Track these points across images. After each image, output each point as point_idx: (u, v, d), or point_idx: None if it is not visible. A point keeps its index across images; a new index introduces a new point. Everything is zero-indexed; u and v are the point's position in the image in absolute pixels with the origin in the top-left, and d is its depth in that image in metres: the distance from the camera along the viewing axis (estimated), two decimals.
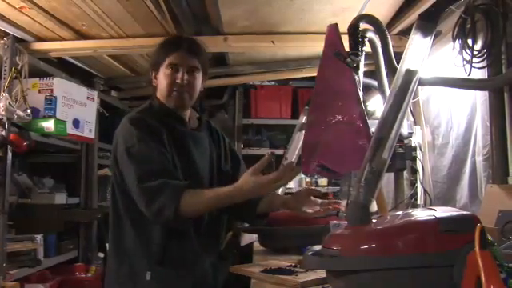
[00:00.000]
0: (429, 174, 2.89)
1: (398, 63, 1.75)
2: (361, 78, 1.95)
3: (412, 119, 2.91)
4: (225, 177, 2.02)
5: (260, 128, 5.15)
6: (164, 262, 1.78)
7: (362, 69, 1.97)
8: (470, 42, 2.12)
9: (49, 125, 3.26)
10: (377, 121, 1.54)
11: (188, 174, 1.83)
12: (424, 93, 3.04)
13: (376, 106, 3.66)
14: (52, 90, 3.36)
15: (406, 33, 2.97)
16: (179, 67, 1.89)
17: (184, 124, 1.96)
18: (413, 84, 1.56)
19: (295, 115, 4.85)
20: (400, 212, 1.51)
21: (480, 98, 2.31)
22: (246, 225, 2.86)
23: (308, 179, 4.91)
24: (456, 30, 2.16)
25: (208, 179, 1.98)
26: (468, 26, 2.12)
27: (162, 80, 1.92)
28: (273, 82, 5.03)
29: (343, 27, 1.99)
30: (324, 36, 2.13)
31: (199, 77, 1.95)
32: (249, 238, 3.38)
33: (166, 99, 1.93)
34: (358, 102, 1.89)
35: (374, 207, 2.17)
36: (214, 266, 1.94)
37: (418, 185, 2.79)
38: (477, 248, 1.10)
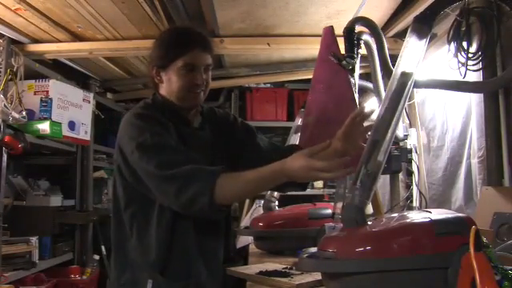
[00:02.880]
0: (424, 176, 2.90)
1: (393, 65, 1.76)
2: (356, 80, 1.96)
3: (407, 121, 2.91)
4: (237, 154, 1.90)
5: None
6: (166, 273, 1.69)
7: (358, 71, 1.98)
8: (465, 44, 2.13)
9: (44, 127, 3.25)
10: (372, 123, 1.54)
11: None
12: (419, 95, 3.05)
13: (371, 108, 3.67)
14: (47, 91, 3.35)
15: (401, 35, 2.98)
16: (196, 67, 1.75)
17: (187, 124, 1.84)
18: (408, 86, 1.56)
19: (291, 117, 4.84)
20: (395, 214, 1.51)
21: (475, 100, 2.32)
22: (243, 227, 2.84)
23: None
24: (451, 32, 2.17)
25: None
26: (463, 28, 2.13)
27: (175, 80, 1.75)
28: (268, 85, 5.02)
29: (339, 30, 1.99)
30: (319, 38, 2.14)
31: (210, 73, 1.84)
32: (244, 240, 3.38)
33: (180, 101, 1.78)
34: (353, 104, 1.90)
35: (369, 209, 2.18)
36: (221, 270, 1.88)
37: (414, 187, 2.79)
38: (471, 250, 1.11)
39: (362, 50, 2.02)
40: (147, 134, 1.63)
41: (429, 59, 2.68)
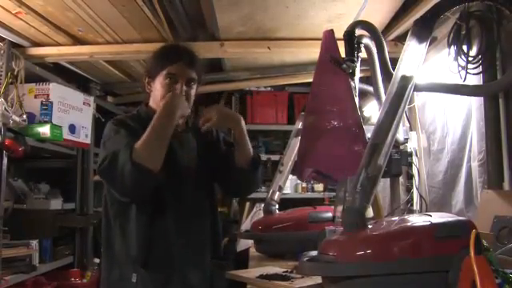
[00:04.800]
0: (424, 179, 2.90)
1: (393, 69, 1.76)
2: (356, 83, 1.96)
3: (408, 125, 2.91)
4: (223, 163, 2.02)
5: (256, 134, 5.15)
6: (149, 265, 1.80)
7: (358, 74, 1.98)
8: (465, 48, 2.13)
9: (45, 130, 3.25)
10: (372, 127, 1.55)
11: (171, 172, 1.81)
12: (420, 98, 3.06)
13: (372, 111, 3.67)
14: (48, 95, 3.35)
15: (401, 39, 2.99)
16: (178, 78, 1.90)
17: None
18: (408, 90, 1.57)
19: (291, 121, 4.85)
20: (396, 218, 1.51)
21: (475, 103, 2.32)
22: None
23: (304, 184, 4.90)
24: (451, 36, 2.17)
25: (194, 177, 1.97)
26: (463, 32, 2.13)
27: (158, 89, 1.92)
28: (269, 88, 5.03)
29: (339, 33, 1.99)
30: (320, 42, 2.14)
31: (195, 88, 1.97)
32: (245, 243, 3.38)
33: None
34: (353, 107, 1.90)
35: (369, 213, 2.17)
36: (209, 271, 1.94)
37: (414, 190, 2.79)
38: (472, 253, 1.11)
39: (363, 54, 2.02)
40: (112, 133, 1.86)
41: (429, 62, 2.68)
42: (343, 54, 1.96)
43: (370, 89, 2.26)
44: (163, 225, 1.85)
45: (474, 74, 2.11)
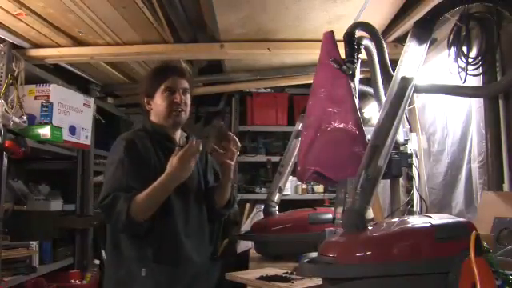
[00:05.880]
0: (425, 180, 2.90)
1: (393, 70, 1.76)
2: (356, 85, 1.96)
3: (408, 126, 2.91)
4: (211, 190, 2.26)
5: (256, 135, 5.15)
6: (158, 260, 1.99)
7: (358, 76, 1.98)
8: (465, 49, 2.13)
9: (45, 131, 3.25)
10: (372, 128, 1.55)
11: (179, 185, 2.00)
12: (420, 100, 3.06)
13: (372, 113, 3.67)
14: (48, 96, 3.35)
15: (401, 40, 2.99)
16: (175, 90, 2.14)
17: (174, 143, 2.17)
18: (408, 91, 1.57)
19: (291, 122, 4.85)
20: (396, 219, 1.51)
21: (475, 105, 2.32)
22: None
23: (304, 186, 4.91)
24: (451, 37, 2.18)
25: (195, 191, 2.18)
26: (463, 33, 2.13)
27: (159, 103, 2.14)
28: (269, 89, 5.03)
29: (339, 35, 2.00)
30: (320, 43, 2.15)
31: (189, 96, 2.20)
32: (245, 245, 3.38)
33: (166, 120, 2.14)
34: (353, 109, 1.90)
35: (370, 214, 2.18)
36: (207, 265, 2.17)
37: (414, 192, 2.79)
38: (472, 255, 1.11)
39: (363, 55, 2.02)
40: (116, 157, 2.05)
41: (429, 64, 2.68)
42: (343, 56, 1.96)
43: (370, 90, 2.26)
44: (172, 225, 2.04)
45: (473, 76, 2.12)
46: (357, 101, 1.93)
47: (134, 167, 2.01)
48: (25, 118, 3.16)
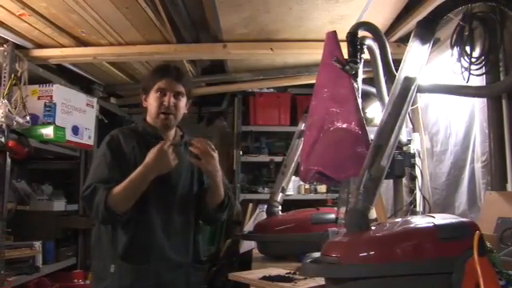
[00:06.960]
0: (428, 180, 2.89)
1: (396, 70, 1.76)
2: (359, 85, 1.96)
3: (411, 126, 2.91)
4: (203, 191, 2.23)
5: (259, 135, 5.15)
6: (127, 258, 2.01)
7: (361, 76, 1.98)
8: (468, 49, 2.13)
9: (48, 131, 3.26)
10: (375, 128, 1.54)
11: (161, 183, 2.04)
12: (423, 100, 3.05)
13: (375, 113, 3.67)
14: (51, 96, 3.36)
15: (404, 40, 2.99)
16: (166, 92, 2.15)
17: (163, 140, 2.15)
18: (411, 91, 1.57)
19: (294, 122, 4.85)
20: (399, 219, 1.51)
21: (478, 105, 2.31)
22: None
23: (307, 186, 4.90)
24: (454, 37, 2.17)
25: (183, 192, 2.18)
26: (466, 33, 2.13)
27: (151, 102, 2.18)
28: (271, 89, 5.03)
29: (341, 35, 2.00)
30: (323, 43, 2.14)
31: (184, 100, 2.20)
32: (248, 245, 3.38)
33: (154, 120, 2.18)
34: (356, 109, 1.90)
35: (373, 214, 2.17)
36: (188, 267, 2.14)
37: (417, 192, 2.78)
38: (475, 255, 1.11)
39: (365, 55, 2.02)
40: (99, 153, 2.13)
41: (432, 64, 2.68)
42: (346, 56, 1.96)
43: (373, 90, 2.26)
44: (148, 223, 2.06)
45: (477, 75, 2.11)
46: (360, 101, 1.93)
47: (114, 161, 2.06)
48: (28, 118, 3.17)
